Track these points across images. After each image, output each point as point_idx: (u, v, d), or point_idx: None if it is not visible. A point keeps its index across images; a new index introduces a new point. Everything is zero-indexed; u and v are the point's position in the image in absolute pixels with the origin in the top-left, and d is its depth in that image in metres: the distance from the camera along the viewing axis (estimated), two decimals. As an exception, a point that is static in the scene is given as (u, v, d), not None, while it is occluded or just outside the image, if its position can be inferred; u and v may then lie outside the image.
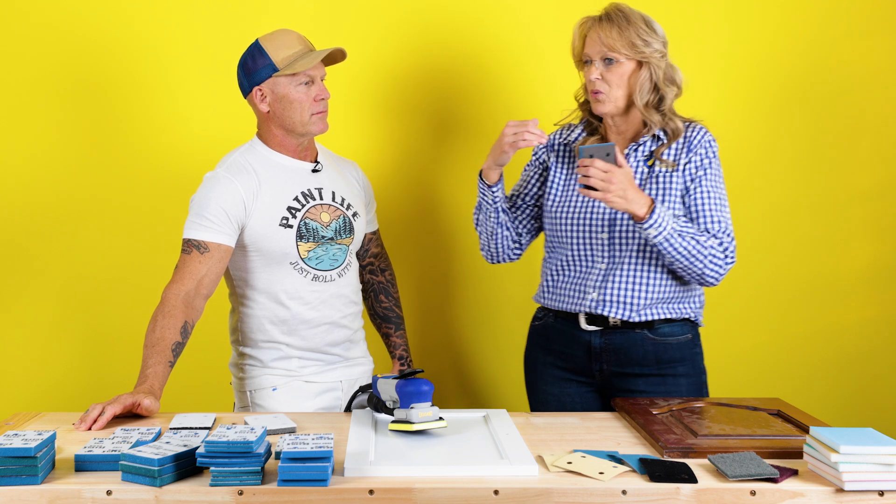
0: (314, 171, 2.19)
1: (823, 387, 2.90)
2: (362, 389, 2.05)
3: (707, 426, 1.74)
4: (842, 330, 2.90)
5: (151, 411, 1.81)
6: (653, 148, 2.11)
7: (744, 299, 2.83)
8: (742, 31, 2.80)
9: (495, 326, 2.89)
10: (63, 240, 2.79)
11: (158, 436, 1.67)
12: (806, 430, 1.71)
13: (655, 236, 1.98)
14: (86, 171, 2.78)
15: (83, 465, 1.50)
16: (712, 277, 2.05)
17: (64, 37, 2.74)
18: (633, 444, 1.71)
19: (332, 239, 2.16)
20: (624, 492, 1.46)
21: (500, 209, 2.18)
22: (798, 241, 2.83)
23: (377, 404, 1.83)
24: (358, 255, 2.34)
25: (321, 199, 2.17)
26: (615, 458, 1.58)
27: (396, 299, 2.41)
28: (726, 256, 2.04)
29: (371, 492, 1.44)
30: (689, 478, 1.48)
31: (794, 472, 1.52)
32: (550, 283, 2.20)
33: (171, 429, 1.73)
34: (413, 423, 1.68)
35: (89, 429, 1.74)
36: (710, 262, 2.02)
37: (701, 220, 2.06)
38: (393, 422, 1.73)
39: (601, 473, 1.50)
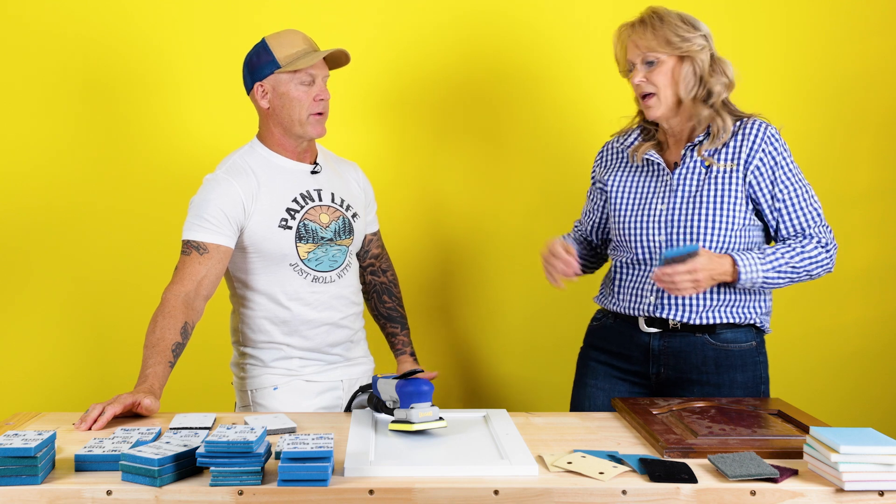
0: (313, 172, 2.19)
1: (823, 387, 2.90)
2: (362, 389, 2.05)
3: (707, 426, 1.74)
4: (841, 330, 2.90)
5: (151, 411, 1.81)
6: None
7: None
8: (741, 32, 2.80)
9: (496, 326, 2.89)
10: (63, 240, 2.79)
11: (158, 436, 1.67)
12: (806, 430, 1.71)
13: (751, 288, 2.01)
14: (86, 173, 2.78)
15: (83, 465, 1.50)
16: (823, 275, 2.05)
17: (65, 42, 2.74)
18: (633, 444, 1.70)
19: (331, 240, 2.16)
20: (624, 492, 1.46)
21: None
22: (798, 241, 2.83)
23: (377, 404, 1.83)
24: (359, 256, 2.34)
25: (320, 200, 2.17)
26: (615, 458, 1.58)
27: (399, 299, 2.41)
28: (829, 250, 2.03)
29: (371, 492, 1.44)
30: (689, 478, 1.48)
31: (794, 472, 1.52)
32: (610, 285, 2.18)
33: (171, 429, 1.72)
34: (413, 423, 1.68)
35: (89, 429, 1.74)
36: (817, 268, 2.02)
37: (795, 221, 2.04)
38: (393, 422, 1.73)
39: (601, 473, 1.50)
